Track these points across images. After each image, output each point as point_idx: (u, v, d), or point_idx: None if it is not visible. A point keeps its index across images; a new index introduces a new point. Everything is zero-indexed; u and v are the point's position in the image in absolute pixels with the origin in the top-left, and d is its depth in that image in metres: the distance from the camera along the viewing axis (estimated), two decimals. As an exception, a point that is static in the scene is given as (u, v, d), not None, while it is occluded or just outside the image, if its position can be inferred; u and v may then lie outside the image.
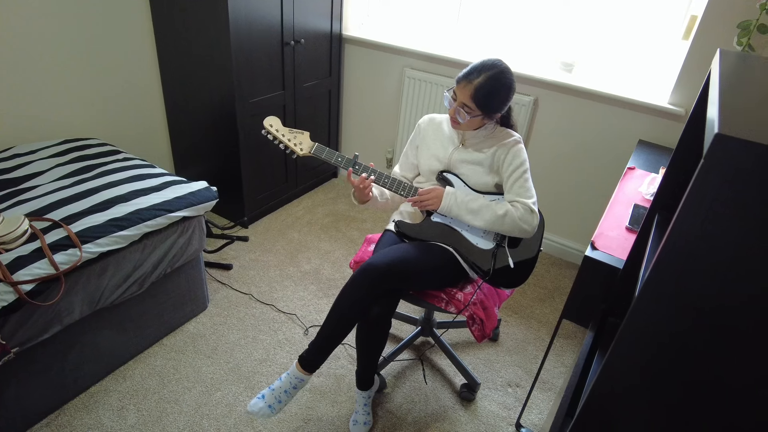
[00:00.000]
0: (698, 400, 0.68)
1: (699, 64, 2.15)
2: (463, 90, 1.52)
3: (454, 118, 1.59)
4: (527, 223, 1.56)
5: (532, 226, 1.57)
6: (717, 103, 0.61)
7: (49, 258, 1.49)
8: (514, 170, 1.60)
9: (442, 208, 1.61)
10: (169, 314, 2.04)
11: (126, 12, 2.47)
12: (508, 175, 1.61)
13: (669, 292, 0.62)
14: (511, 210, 1.57)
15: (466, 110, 1.54)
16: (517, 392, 1.97)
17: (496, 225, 1.58)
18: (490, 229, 1.61)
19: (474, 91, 1.50)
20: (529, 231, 1.58)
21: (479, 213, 1.59)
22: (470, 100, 1.52)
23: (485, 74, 1.50)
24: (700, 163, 0.52)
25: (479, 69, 1.51)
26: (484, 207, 1.59)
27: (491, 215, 1.58)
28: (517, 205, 1.57)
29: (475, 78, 1.50)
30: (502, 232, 1.61)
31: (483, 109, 1.53)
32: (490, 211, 1.58)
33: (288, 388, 1.59)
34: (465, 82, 1.52)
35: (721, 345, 0.65)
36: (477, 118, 1.56)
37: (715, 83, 0.73)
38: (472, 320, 1.62)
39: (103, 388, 1.83)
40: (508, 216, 1.57)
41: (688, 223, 0.57)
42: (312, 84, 2.93)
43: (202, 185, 1.99)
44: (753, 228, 0.56)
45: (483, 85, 1.49)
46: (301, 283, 2.45)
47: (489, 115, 1.56)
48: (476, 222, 1.60)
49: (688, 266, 0.59)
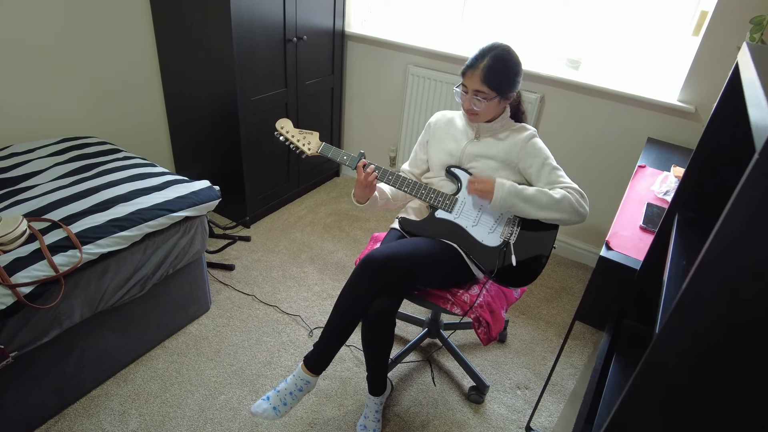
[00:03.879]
0: (739, 416, 0.65)
1: (710, 61, 2.12)
2: (471, 78, 1.51)
3: (470, 109, 1.56)
4: (582, 206, 1.50)
5: (586, 210, 1.50)
6: (764, 98, 0.57)
7: (48, 259, 1.45)
8: (541, 165, 1.56)
9: (495, 201, 1.51)
10: (170, 316, 2.00)
11: (125, 8, 2.43)
12: (537, 171, 1.56)
13: (712, 299, 0.58)
14: (566, 194, 1.49)
15: (481, 96, 1.52)
16: (527, 394, 1.94)
17: (553, 211, 1.49)
18: (547, 218, 1.51)
19: (483, 74, 1.49)
20: (584, 214, 1.50)
21: (534, 200, 1.50)
22: (482, 84, 1.50)
23: (489, 55, 1.50)
24: (754, 159, 0.48)
25: (481, 54, 1.51)
26: (539, 193, 1.50)
27: (548, 200, 1.49)
28: (570, 190, 1.51)
29: (480, 62, 1.50)
30: (557, 220, 1.51)
31: (496, 89, 1.51)
32: (546, 196, 1.49)
33: (293, 390, 1.55)
34: (471, 70, 1.51)
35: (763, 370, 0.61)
36: (493, 102, 1.53)
37: (753, 80, 0.69)
38: (478, 323, 1.58)
39: (104, 392, 1.79)
40: (566, 199, 1.48)
41: (737, 224, 0.53)
42: (314, 81, 2.89)
43: (205, 184, 1.95)
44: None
45: (490, 65, 1.49)
46: (304, 283, 2.41)
47: (504, 95, 1.53)
48: (532, 211, 1.51)
49: (735, 271, 0.56)
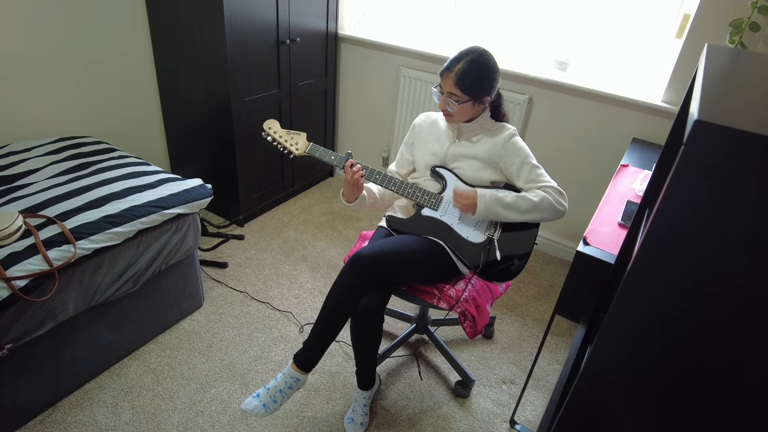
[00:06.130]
0: (680, 391, 0.69)
1: (692, 62, 2.16)
2: (447, 80, 1.56)
3: (444, 109, 1.62)
4: (561, 204, 1.57)
5: (565, 207, 1.57)
6: (699, 94, 0.61)
7: (42, 254, 1.49)
8: (521, 164, 1.61)
9: (479, 211, 1.58)
10: (164, 312, 2.04)
11: (122, 10, 2.48)
12: (518, 170, 1.61)
13: (650, 285, 0.62)
14: (544, 195, 1.56)
15: (454, 98, 1.57)
16: (512, 389, 1.98)
17: (535, 214, 1.56)
18: (529, 220, 1.59)
19: (457, 78, 1.53)
20: (563, 212, 1.57)
21: (515, 206, 1.56)
22: (455, 87, 1.54)
23: (464, 60, 1.54)
24: (681, 150, 0.52)
25: (458, 57, 1.56)
26: (519, 198, 1.57)
27: (528, 204, 1.56)
28: (547, 189, 1.57)
29: (455, 65, 1.54)
30: (539, 220, 1.59)
31: (469, 93, 1.55)
32: (525, 201, 1.56)
33: (283, 388, 1.59)
34: (447, 72, 1.56)
35: (703, 336, 0.65)
36: (467, 105, 1.57)
37: (699, 77, 0.74)
38: (464, 317, 1.62)
39: (98, 385, 1.84)
40: (545, 201, 1.55)
41: (669, 213, 0.57)
42: (308, 83, 2.93)
43: (197, 182, 1.99)
44: (734, 216, 0.56)
45: (464, 69, 1.53)
46: (296, 281, 2.45)
47: (477, 99, 1.57)
48: (515, 216, 1.57)
49: (669, 257, 0.60)
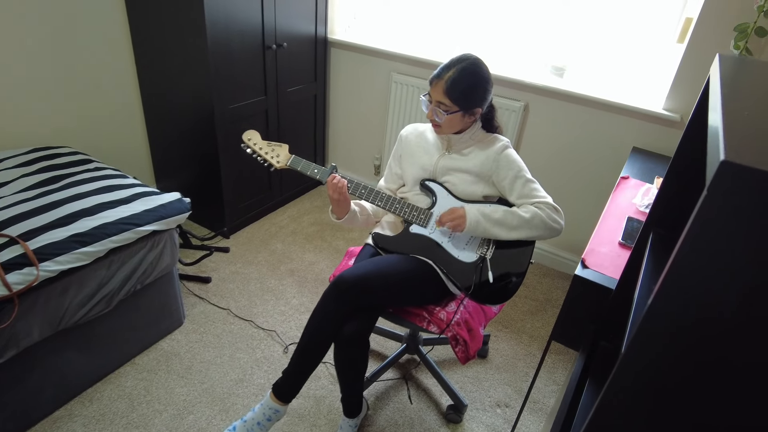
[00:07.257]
0: None
1: (695, 69, 2.07)
2: (436, 88, 1.46)
3: (432, 119, 1.52)
4: (555, 221, 1.45)
5: (560, 224, 1.46)
6: (720, 116, 0.52)
7: (1, 278, 1.38)
8: (515, 177, 1.50)
9: (467, 229, 1.48)
10: (141, 332, 1.94)
11: (101, 15, 2.37)
12: (510, 184, 1.51)
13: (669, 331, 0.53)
14: (537, 211, 1.45)
15: (442, 108, 1.47)
16: (507, 412, 1.88)
17: (526, 231, 1.46)
18: (521, 238, 1.48)
19: (447, 87, 1.43)
20: (558, 230, 1.46)
21: (505, 222, 1.46)
22: (444, 96, 1.44)
23: (455, 68, 1.44)
24: (703, 195, 0.43)
25: (449, 64, 1.46)
26: (509, 214, 1.47)
27: (519, 221, 1.46)
28: (540, 205, 1.46)
29: (445, 73, 1.45)
30: (532, 238, 1.48)
31: (459, 103, 1.45)
32: (516, 217, 1.46)
33: (261, 420, 1.49)
34: (437, 80, 1.46)
35: (724, 388, 0.56)
36: (456, 116, 1.47)
37: (716, 92, 0.64)
38: (456, 341, 1.52)
39: (68, 413, 1.73)
40: (537, 217, 1.45)
41: (690, 260, 0.48)
42: (296, 89, 2.83)
43: (174, 197, 1.88)
44: (763, 262, 0.47)
45: (454, 78, 1.43)
46: (282, 296, 2.35)
47: (467, 110, 1.48)
48: (505, 233, 1.47)
49: (691, 303, 0.50)
